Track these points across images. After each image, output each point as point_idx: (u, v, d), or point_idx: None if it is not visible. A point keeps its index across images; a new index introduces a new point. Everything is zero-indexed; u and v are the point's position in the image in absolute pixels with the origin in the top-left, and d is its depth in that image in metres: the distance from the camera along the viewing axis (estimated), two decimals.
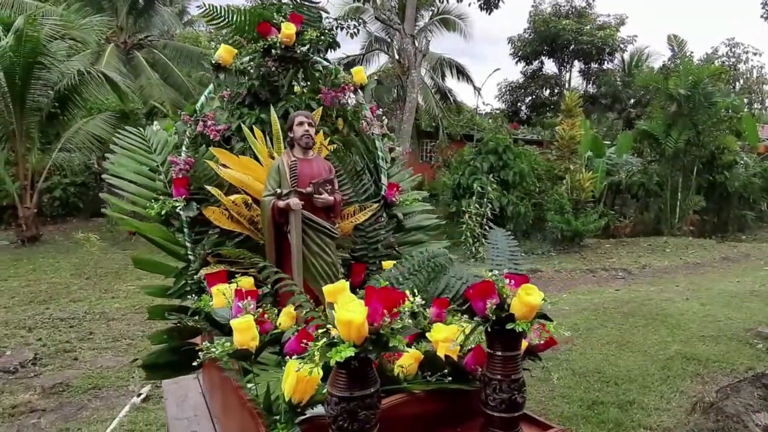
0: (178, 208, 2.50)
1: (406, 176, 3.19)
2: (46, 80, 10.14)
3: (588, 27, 22.22)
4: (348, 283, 1.53)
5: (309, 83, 3.02)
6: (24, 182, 10.83)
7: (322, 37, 2.89)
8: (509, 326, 1.60)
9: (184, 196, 2.54)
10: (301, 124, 2.43)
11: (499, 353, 1.70)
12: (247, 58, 2.76)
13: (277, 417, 1.57)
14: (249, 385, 1.82)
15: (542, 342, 1.97)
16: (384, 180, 2.94)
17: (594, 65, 23.85)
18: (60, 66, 10.16)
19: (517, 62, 24.67)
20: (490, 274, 1.74)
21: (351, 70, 2.98)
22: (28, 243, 10.93)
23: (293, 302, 1.79)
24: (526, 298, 1.62)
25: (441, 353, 1.92)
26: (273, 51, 2.72)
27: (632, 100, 24.21)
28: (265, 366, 2.01)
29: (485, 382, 1.72)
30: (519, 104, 25.99)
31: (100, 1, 16.27)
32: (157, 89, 16.03)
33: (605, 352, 4.83)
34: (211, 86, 2.73)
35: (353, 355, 1.33)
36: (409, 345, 1.99)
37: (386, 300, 1.43)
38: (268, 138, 2.69)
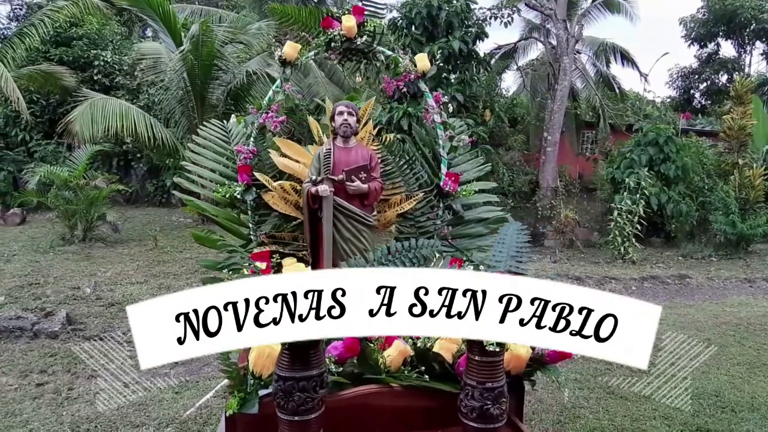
0: (238, 192, 2.74)
1: (471, 166, 3.07)
2: (221, 80, 11.59)
3: None
4: (302, 264, 1.57)
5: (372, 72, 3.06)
6: None
7: (471, 29, 2.89)
8: None
9: (245, 182, 2.78)
10: (340, 113, 2.50)
11: (476, 358, 1.59)
12: (312, 52, 2.90)
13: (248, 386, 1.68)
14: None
15: (549, 353, 1.81)
16: (443, 169, 2.88)
17: None
18: (232, 68, 11.52)
19: (689, 45, 21.65)
20: (469, 268, 1.64)
21: (415, 57, 2.95)
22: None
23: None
24: None
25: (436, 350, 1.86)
26: (333, 44, 2.83)
27: None
28: None
29: (461, 386, 1.63)
30: (692, 91, 22.74)
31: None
32: (323, 87, 17.29)
33: (732, 373, 4.12)
34: (278, 81, 2.92)
35: None
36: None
37: None
38: None
